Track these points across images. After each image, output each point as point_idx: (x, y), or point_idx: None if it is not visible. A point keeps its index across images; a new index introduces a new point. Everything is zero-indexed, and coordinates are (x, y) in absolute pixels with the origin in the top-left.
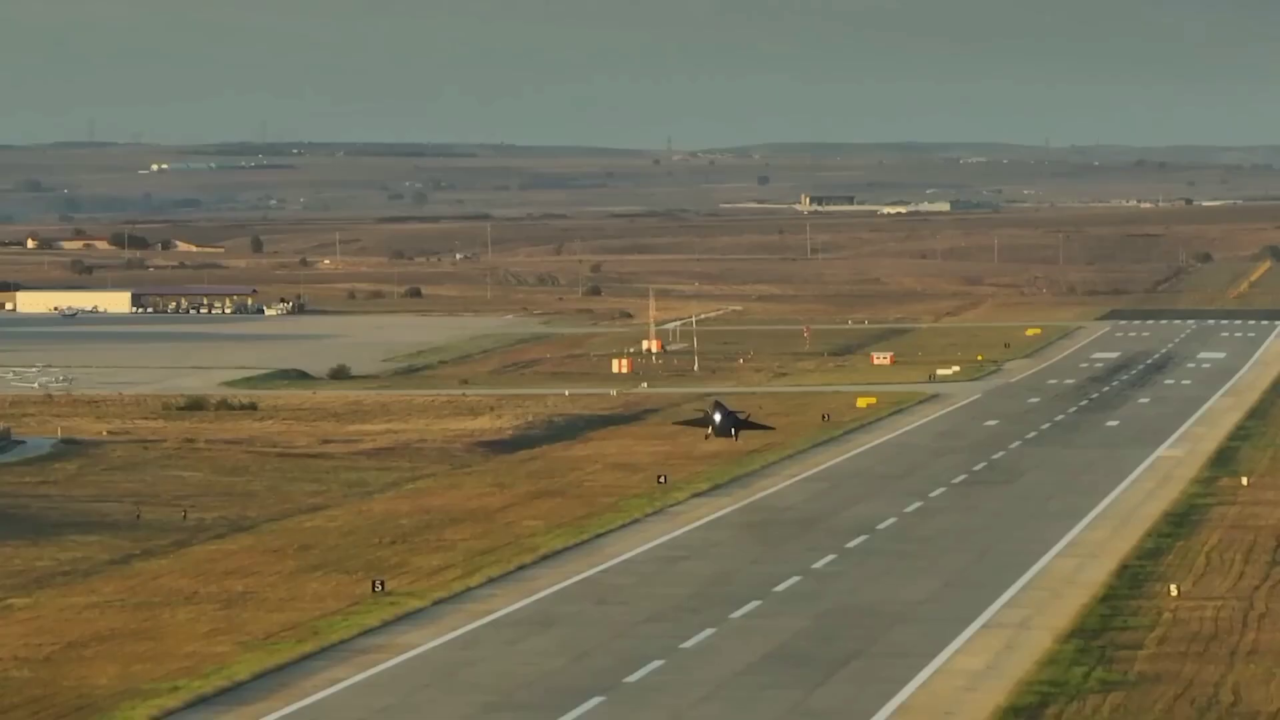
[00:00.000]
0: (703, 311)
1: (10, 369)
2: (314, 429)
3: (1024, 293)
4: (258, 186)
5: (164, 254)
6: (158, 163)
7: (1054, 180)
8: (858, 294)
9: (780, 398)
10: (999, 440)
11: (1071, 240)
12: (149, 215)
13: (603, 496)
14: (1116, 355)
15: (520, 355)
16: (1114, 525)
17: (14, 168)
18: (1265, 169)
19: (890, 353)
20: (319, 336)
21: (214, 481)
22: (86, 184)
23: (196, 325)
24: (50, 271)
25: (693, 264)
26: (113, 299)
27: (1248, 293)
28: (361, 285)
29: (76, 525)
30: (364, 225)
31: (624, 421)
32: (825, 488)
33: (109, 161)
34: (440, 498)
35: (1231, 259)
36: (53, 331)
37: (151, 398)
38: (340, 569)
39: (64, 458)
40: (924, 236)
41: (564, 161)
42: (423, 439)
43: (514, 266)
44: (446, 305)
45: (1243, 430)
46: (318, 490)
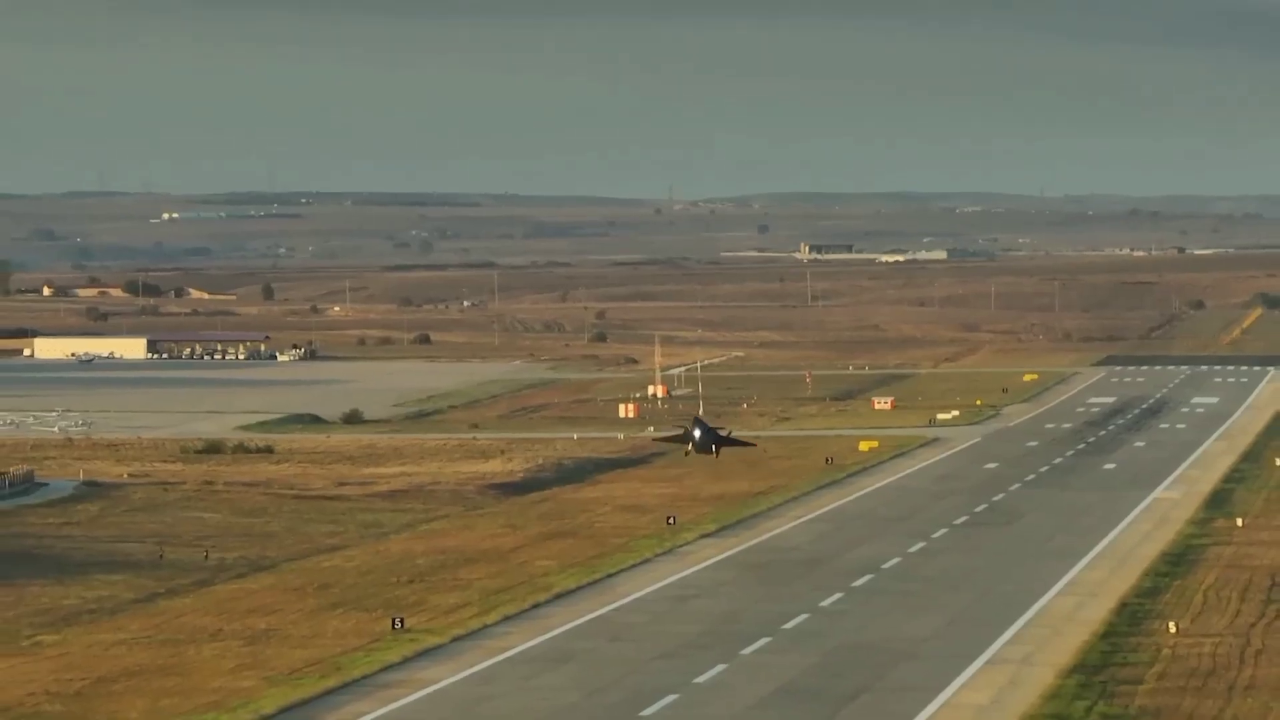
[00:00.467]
0: (706, 358)
1: (30, 413)
2: (329, 472)
3: (1021, 339)
4: (266, 235)
5: (177, 301)
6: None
7: (1049, 229)
8: (858, 340)
9: (784, 441)
10: (999, 483)
11: (1067, 288)
12: (160, 263)
13: (613, 537)
14: (1112, 400)
15: (528, 400)
16: (1113, 565)
17: (27, 216)
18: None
19: (891, 398)
20: (331, 382)
21: (233, 522)
22: (98, 232)
23: (211, 371)
24: (66, 318)
25: (695, 311)
26: (128, 345)
27: (1240, 339)
28: (371, 332)
29: (101, 565)
30: (372, 273)
31: (632, 465)
32: (830, 529)
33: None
34: (454, 538)
35: (1224, 306)
36: (70, 377)
37: (169, 441)
38: (360, 607)
39: (86, 499)
40: (922, 284)
41: (567, 211)
42: (436, 481)
43: (520, 314)
44: (455, 352)
45: (1237, 473)
46: (335, 531)
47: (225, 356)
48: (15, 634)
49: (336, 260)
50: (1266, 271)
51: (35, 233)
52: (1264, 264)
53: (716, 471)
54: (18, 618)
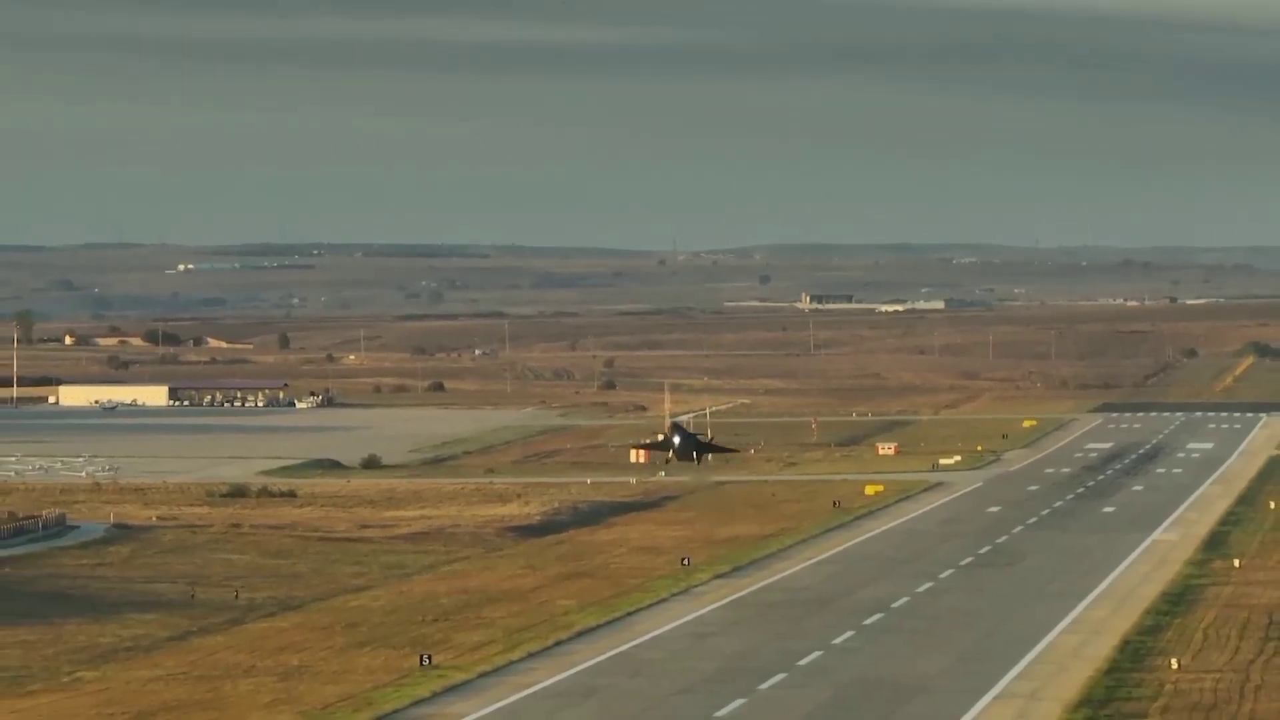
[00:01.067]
0: (714, 404)
1: (58, 458)
2: (351, 515)
3: (1019, 387)
4: (280, 286)
5: (196, 350)
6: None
7: (1044, 279)
8: (859, 388)
9: (792, 485)
10: (1002, 526)
11: (1063, 337)
12: (177, 313)
13: (629, 578)
14: (1110, 446)
15: (541, 446)
16: (1114, 604)
17: (47, 267)
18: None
19: (894, 443)
20: (348, 428)
21: (261, 564)
22: (116, 283)
23: (231, 417)
24: (88, 367)
25: (701, 359)
26: (150, 393)
27: (1233, 387)
28: (386, 380)
29: (134, 604)
30: (384, 322)
31: (644, 508)
32: (840, 569)
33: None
34: (476, 579)
35: (1216, 355)
36: (94, 423)
37: (194, 485)
38: (387, 644)
39: (117, 541)
40: (921, 333)
41: (573, 262)
42: (455, 524)
43: (531, 362)
44: (468, 399)
45: (1233, 516)
46: (360, 572)
47: (245, 404)
48: (55, 670)
49: (349, 310)
50: (1257, 321)
51: (54, 283)
52: (1255, 313)
53: (727, 515)
54: (57, 655)
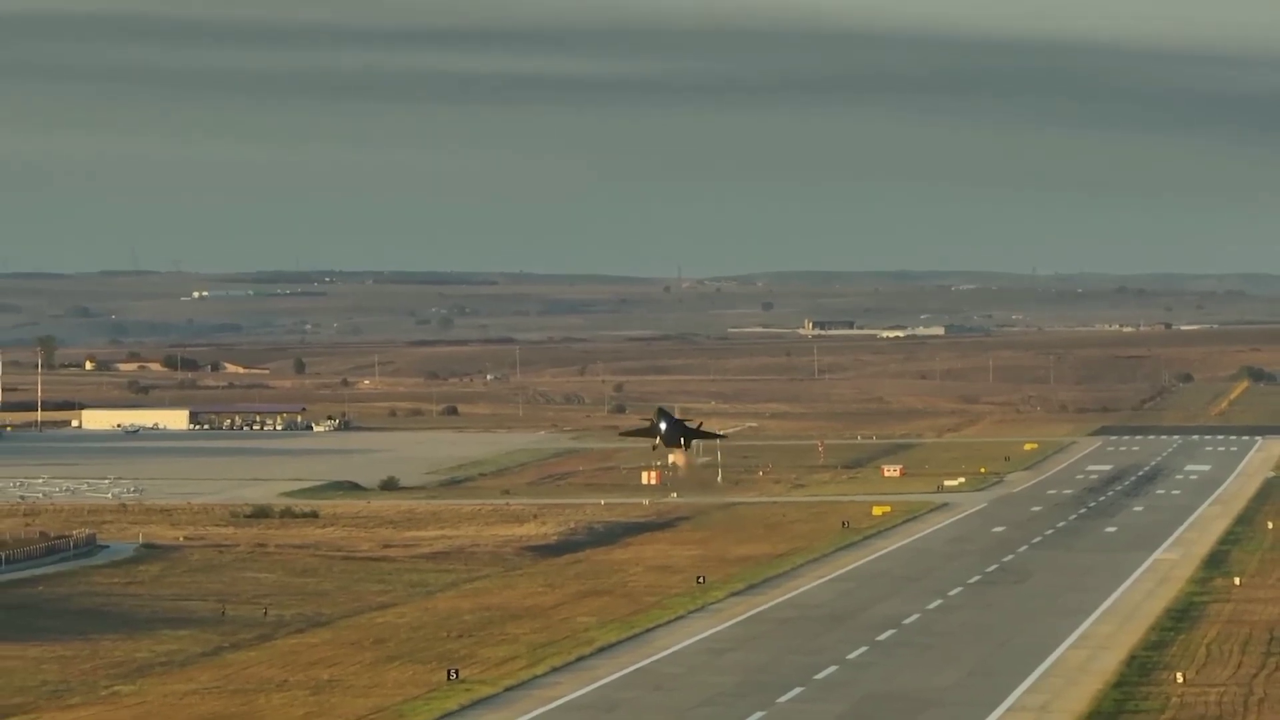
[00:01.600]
0: (722, 428)
1: (84, 480)
2: (373, 535)
3: (1019, 410)
4: (292, 313)
5: (213, 375)
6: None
7: (1041, 306)
8: (863, 412)
9: (801, 506)
10: (1007, 545)
11: (1061, 362)
12: (192, 339)
13: (646, 595)
14: (1109, 468)
15: (555, 468)
16: (1120, 620)
17: (64, 294)
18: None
19: (900, 465)
20: (366, 451)
21: (287, 582)
22: (132, 310)
23: (250, 441)
24: (109, 391)
25: (707, 384)
26: (171, 416)
27: (1228, 410)
28: (401, 404)
29: (166, 621)
30: (396, 348)
31: (658, 528)
32: (852, 587)
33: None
34: (497, 596)
35: (1211, 379)
36: (117, 447)
37: (218, 506)
38: (415, 659)
39: (146, 560)
40: (922, 358)
41: (579, 289)
42: (475, 544)
43: (541, 386)
44: (482, 423)
45: (1232, 535)
46: (384, 590)
47: (264, 427)
48: (94, 685)
49: (361, 336)
50: (1250, 346)
51: (72, 310)
52: (1248, 339)
53: (739, 535)
54: (94, 669)
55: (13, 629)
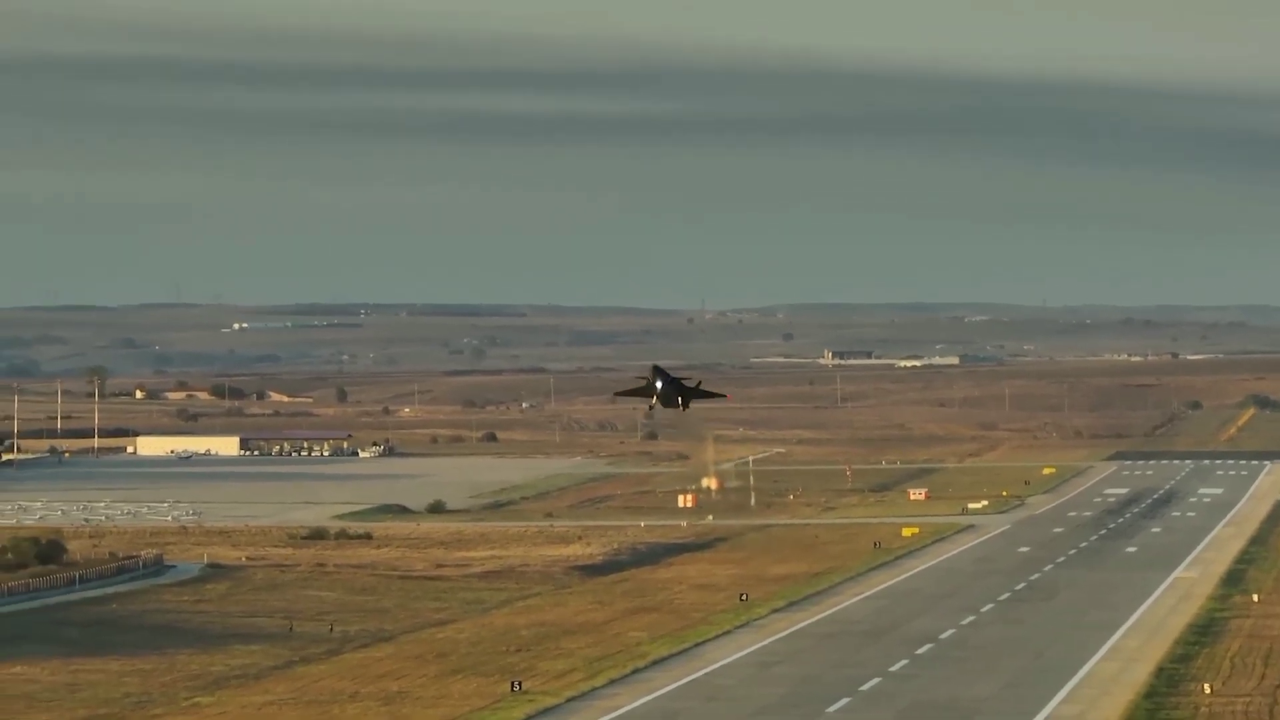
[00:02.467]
0: (752, 454)
1: (144, 504)
2: (426, 555)
3: (1036, 436)
4: (330, 343)
5: (259, 403)
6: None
7: (1051, 337)
8: (886, 438)
9: (832, 528)
10: (1033, 564)
11: (1074, 390)
12: (234, 369)
13: (693, 611)
14: (1126, 491)
15: (593, 492)
16: (1146, 635)
17: (110, 326)
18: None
19: (924, 489)
20: (411, 476)
21: (348, 600)
22: (175, 341)
23: (299, 466)
24: (160, 419)
25: (735, 411)
26: (222, 443)
27: (1236, 436)
28: (442, 431)
29: (237, 636)
30: (433, 377)
31: (698, 549)
32: (888, 604)
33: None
34: (550, 613)
35: (1218, 406)
36: (171, 472)
37: (275, 528)
38: (478, 672)
39: (212, 580)
40: (939, 387)
41: (606, 320)
42: (525, 563)
43: (575, 414)
44: (520, 449)
45: (1247, 555)
46: (441, 607)
47: (311, 453)
48: (174, 697)
49: (397, 366)
50: (1255, 375)
51: (117, 341)
52: (1252, 368)
53: (776, 555)
54: (174, 682)
55: (92, 644)
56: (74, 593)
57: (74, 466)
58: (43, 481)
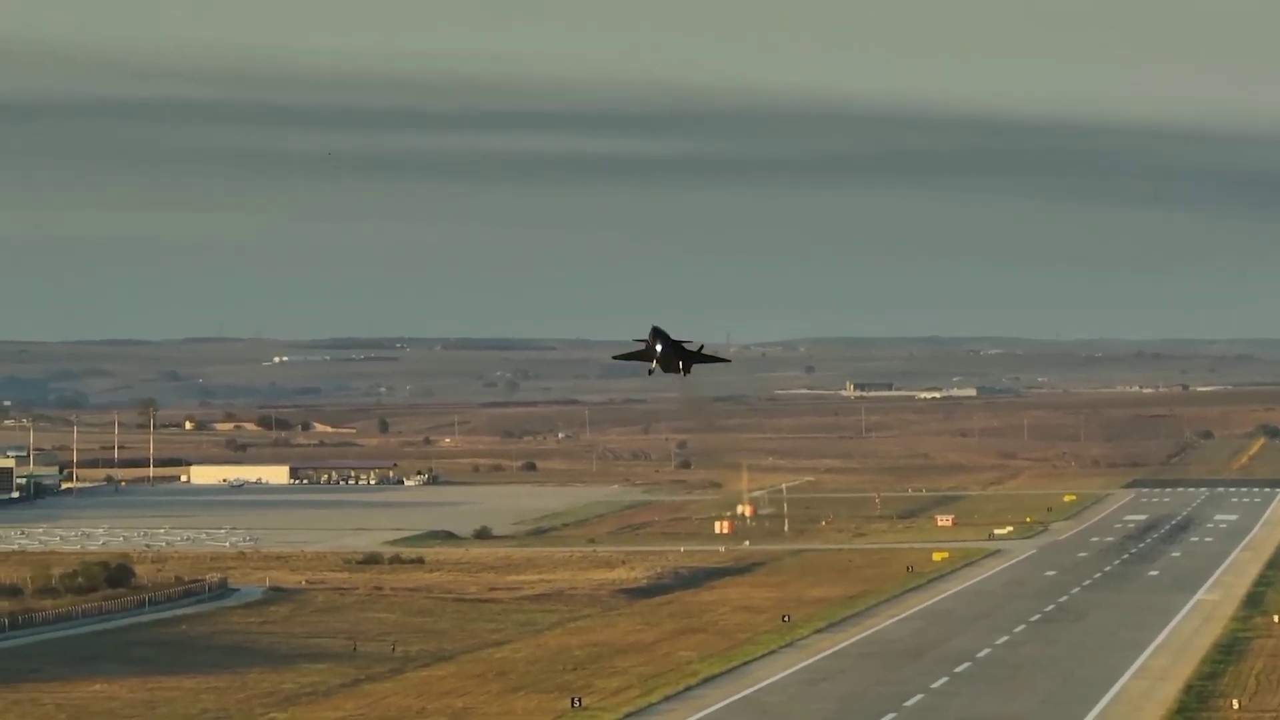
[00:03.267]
0: (783, 482)
1: (202, 530)
2: (478, 579)
3: (1055, 465)
4: (368, 376)
5: (305, 434)
6: (279, 355)
7: (1064, 369)
8: (911, 467)
9: (865, 553)
10: (1061, 587)
11: (1090, 421)
12: (275, 401)
13: (738, 632)
14: (1145, 517)
15: (632, 519)
16: (1173, 654)
17: (154, 360)
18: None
19: (951, 515)
20: (455, 504)
21: (407, 621)
22: (217, 374)
23: (347, 494)
24: (209, 449)
25: (763, 441)
26: (272, 472)
27: (1248, 465)
28: (482, 460)
29: (304, 656)
30: (470, 409)
31: (737, 573)
32: (924, 625)
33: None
34: (601, 634)
35: (1230, 436)
36: (225, 499)
37: (330, 554)
38: (538, 689)
39: (275, 602)
40: (959, 418)
41: None
42: (573, 587)
43: (610, 444)
44: (559, 477)
45: (1265, 578)
46: (496, 628)
47: (358, 481)
48: (250, 713)
49: (433, 398)
50: (1264, 406)
51: (162, 374)
52: (1261, 399)
53: (813, 578)
54: (248, 699)
55: (166, 663)
56: (144, 615)
57: (130, 495)
58: (101, 509)
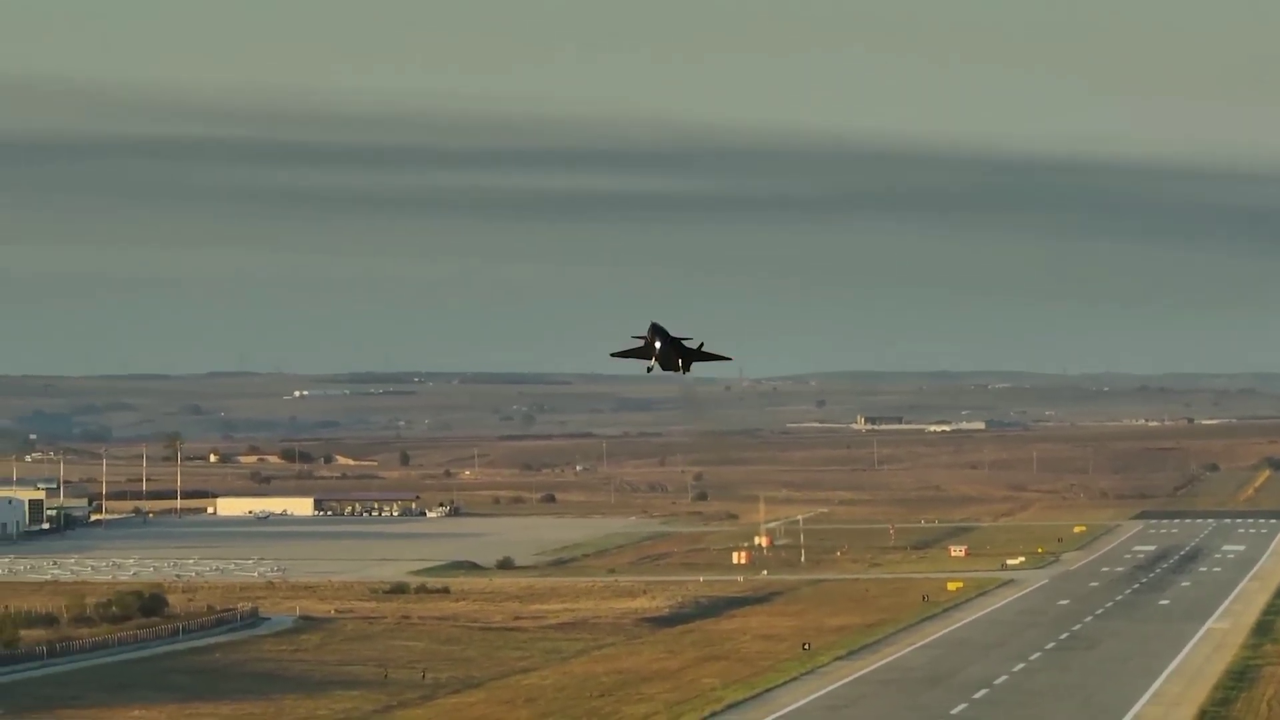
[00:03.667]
0: (798, 513)
1: (230, 561)
2: (503, 608)
3: (1064, 497)
4: (386, 410)
5: (327, 466)
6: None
7: (1071, 403)
8: (923, 498)
9: (881, 582)
10: (1074, 616)
11: (1098, 453)
12: (296, 434)
13: (759, 660)
14: (1154, 548)
15: (651, 549)
16: (1186, 681)
17: (176, 394)
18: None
19: (964, 546)
20: (477, 535)
21: (435, 649)
22: (238, 408)
23: (371, 525)
24: (234, 481)
25: (777, 473)
26: (297, 504)
27: (1254, 496)
28: (502, 492)
29: (336, 683)
30: (488, 442)
31: (756, 602)
32: (941, 653)
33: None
34: (626, 661)
35: (1235, 469)
36: (251, 531)
37: (357, 584)
38: (567, 715)
39: (306, 631)
40: (969, 451)
41: (647, 388)
42: (596, 616)
43: (627, 476)
44: (577, 509)
45: (1274, 607)
46: (523, 656)
47: (381, 513)
48: None
49: (451, 431)
50: (1268, 439)
51: (184, 408)
52: (1265, 432)
53: (831, 608)
54: None
55: (201, 690)
56: (178, 643)
57: (158, 526)
58: (130, 540)
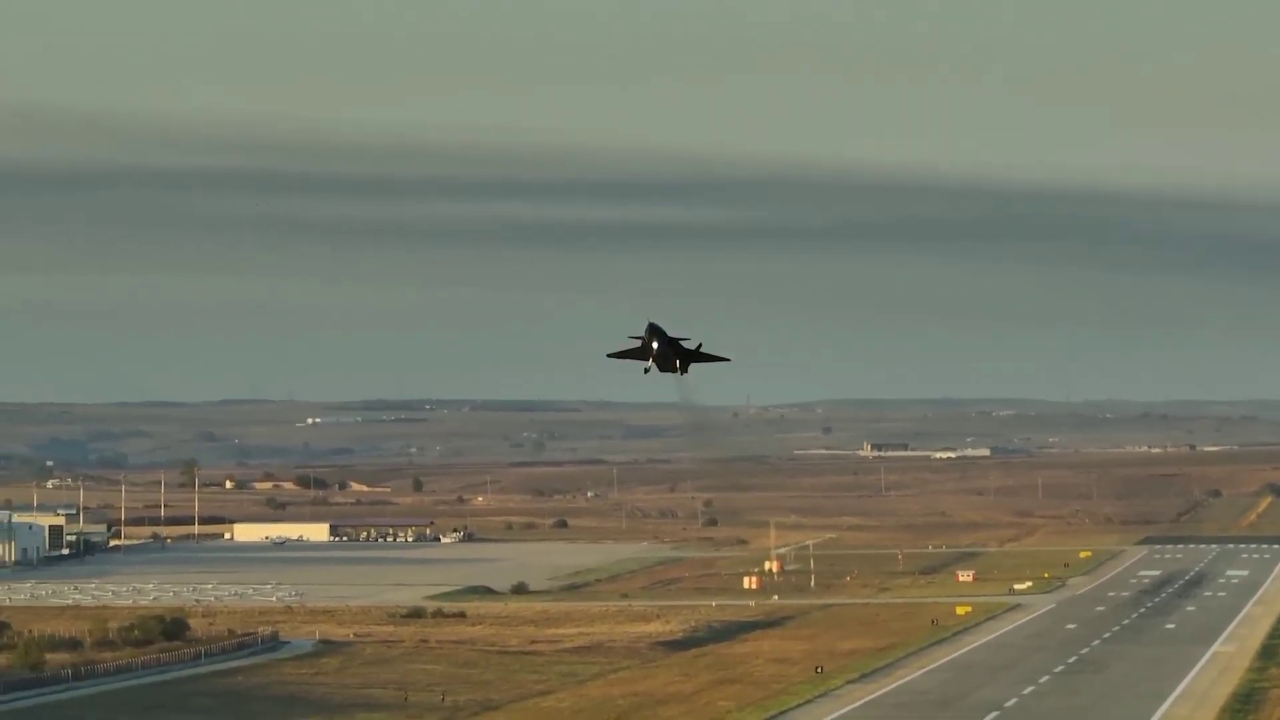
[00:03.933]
0: (808, 539)
1: (249, 586)
2: (519, 632)
3: (1069, 523)
4: (398, 437)
5: (342, 493)
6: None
7: (1074, 430)
8: (930, 524)
9: (890, 607)
10: (1082, 639)
11: (1102, 480)
12: (309, 461)
13: (773, 683)
14: (1159, 573)
15: (663, 575)
16: (1194, 703)
17: (190, 421)
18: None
19: (972, 571)
20: (490, 560)
21: (454, 672)
22: (252, 435)
23: (386, 551)
24: (249, 507)
25: (786, 499)
26: (313, 530)
27: (1257, 522)
28: (515, 518)
29: (358, 706)
30: (501, 469)
31: (768, 626)
32: (952, 676)
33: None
34: (642, 684)
35: (1238, 495)
36: (267, 556)
37: (374, 608)
38: None
39: (325, 655)
40: (974, 477)
41: (656, 415)
42: (611, 639)
43: (637, 502)
44: (589, 535)
45: (1278, 631)
46: (540, 679)
47: (396, 539)
48: None
49: (463, 458)
50: (1270, 465)
51: (199, 435)
52: (1267, 459)
53: (841, 632)
54: None
55: (226, 713)
56: (200, 666)
57: (176, 551)
58: (149, 565)
